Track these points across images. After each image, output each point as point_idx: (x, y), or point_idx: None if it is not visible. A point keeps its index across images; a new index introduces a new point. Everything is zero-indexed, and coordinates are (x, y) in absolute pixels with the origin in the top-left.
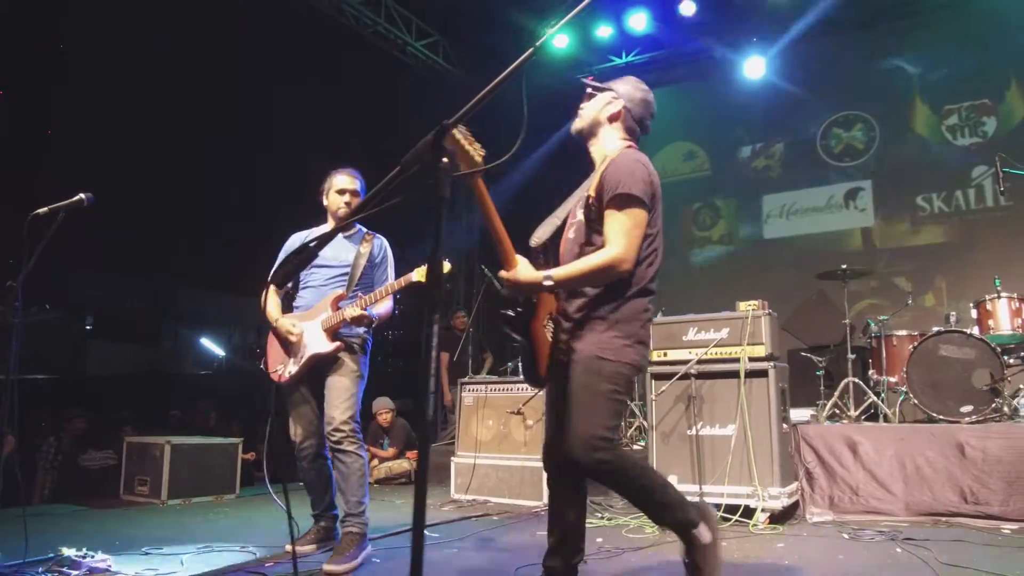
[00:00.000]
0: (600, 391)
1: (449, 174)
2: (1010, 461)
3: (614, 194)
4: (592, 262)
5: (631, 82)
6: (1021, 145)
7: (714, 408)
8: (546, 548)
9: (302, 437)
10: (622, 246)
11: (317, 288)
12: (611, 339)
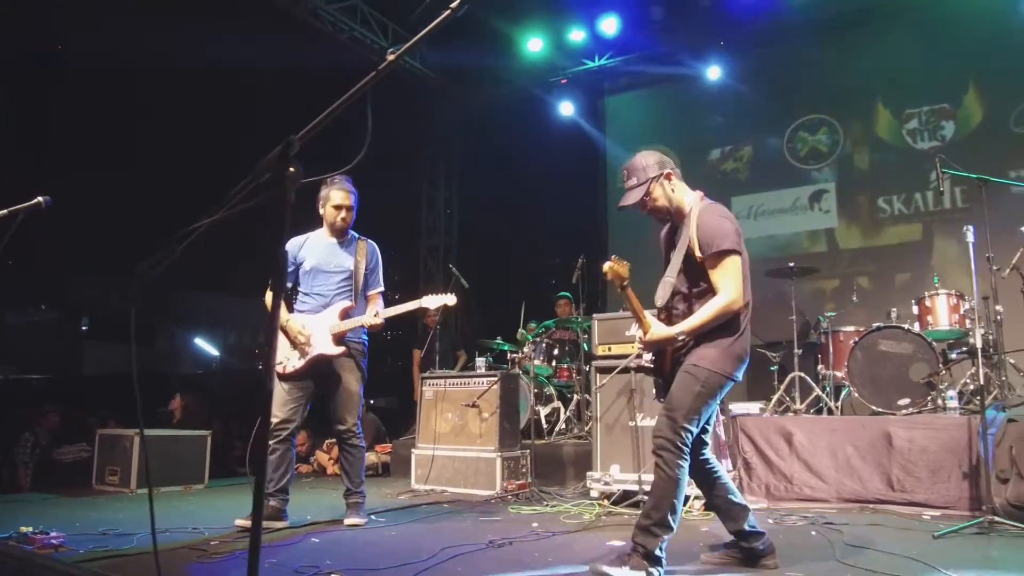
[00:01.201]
0: (694, 392)
1: (295, 183)
2: (934, 450)
3: (716, 251)
4: (712, 310)
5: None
6: (978, 148)
7: (653, 400)
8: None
9: (281, 420)
10: (733, 291)
11: (323, 296)
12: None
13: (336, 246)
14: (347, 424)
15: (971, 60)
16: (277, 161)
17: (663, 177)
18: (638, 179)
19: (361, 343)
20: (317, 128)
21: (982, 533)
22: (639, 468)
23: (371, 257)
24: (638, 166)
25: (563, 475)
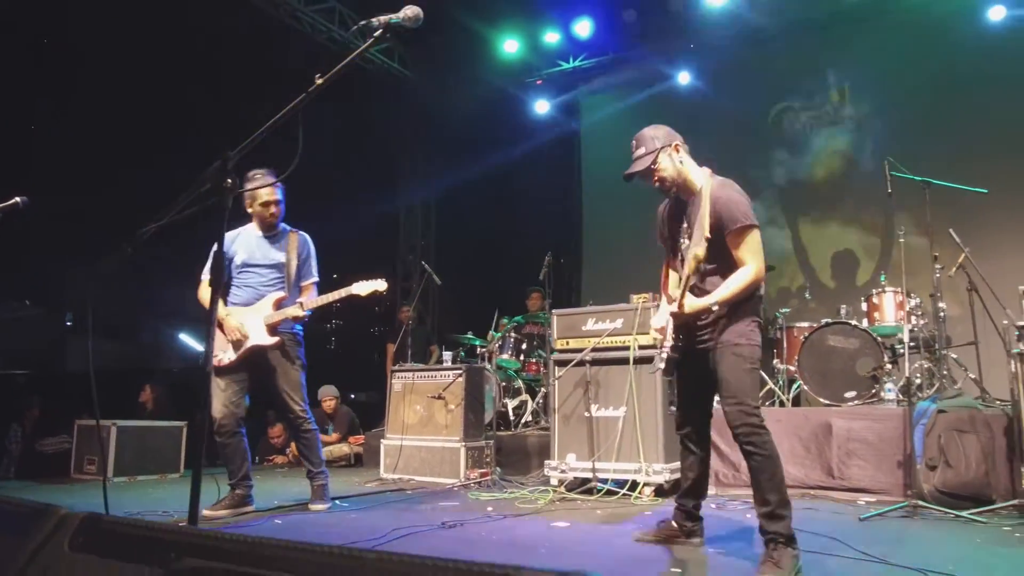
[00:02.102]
0: (747, 371)
1: (232, 193)
2: (872, 441)
3: (740, 226)
4: (742, 282)
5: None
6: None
7: (608, 392)
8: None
9: (222, 415)
10: (757, 262)
11: (254, 288)
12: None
13: (266, 240)
14: (295, 411)
15: (932, 66)
16: (216, 174)
17: (671, 148)
18: (646, 148)
19: (295, 332)
20: (254, 143)
21: (906, 516)
22: (593, 456)
23: (302, 249)
24: (647, 136)
25: (527, 464)
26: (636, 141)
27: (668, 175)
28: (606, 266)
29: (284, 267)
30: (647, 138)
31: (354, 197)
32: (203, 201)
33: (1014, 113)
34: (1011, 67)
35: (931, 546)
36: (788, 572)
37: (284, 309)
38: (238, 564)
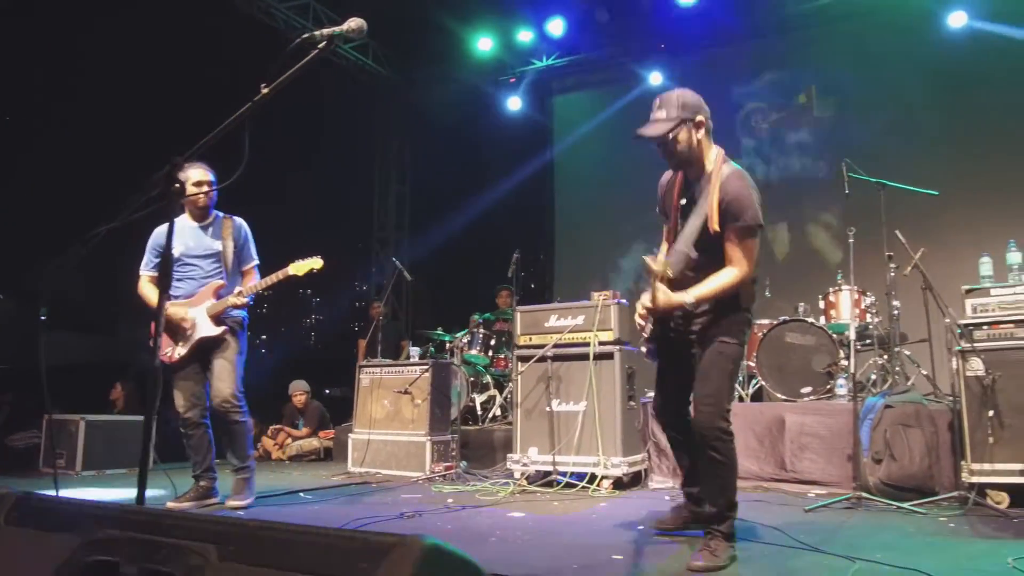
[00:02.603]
0: (728, 372)
1: (180, 197)
2: (823, 435)
3: (741, 225)
4: (725, 282)
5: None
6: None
7: (569, 387)
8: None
9: (185, 408)
10: (748, 266)
11: (196, 280)
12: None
13: (200, 230)
14: (223, 395)
15: (893, 71)
16: (164, 179)
17: (693, 123)
18: (667, 114)
19: (238, 319)
20: (201, 149)
21: (850, 508)
22: (554, 450)
23: (238, 233)
24: (673, 100)
25: (493, 458)
26: (660, 100)
27: (681, 149)
28: (578, 262)
29: (221, 256)
30: (672, 103)
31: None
32: (153, 204)
33: (971, 116)
34: (968, 72)
35: (866, 535)
36: (722, 561)
37: (225, 298)
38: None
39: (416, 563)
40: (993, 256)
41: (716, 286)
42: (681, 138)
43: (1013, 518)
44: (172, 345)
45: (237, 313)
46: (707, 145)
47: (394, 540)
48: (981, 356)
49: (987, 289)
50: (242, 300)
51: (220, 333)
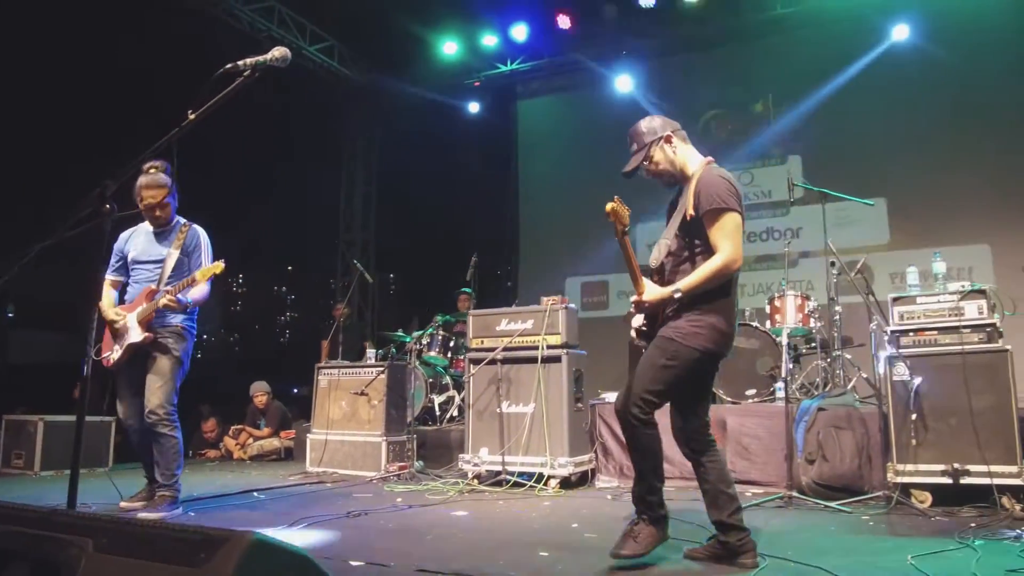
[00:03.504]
0: (659, 364)
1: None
2: (762, 436)
3: (712, 207)
4: (710, 269)
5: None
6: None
7: (519, 389)
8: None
9: (126, 416)
10: (732, 250)
11: (139, 284)
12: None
13: (154, 236)
14: (150, 406)
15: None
16: (96, 200)
17: (663, 140)
18: (638, 144)
19: (175, 328)
20: (127, 174)
21: (780, 507)
22: (502, 450)
23: (190, 242)
24: (640, 131)
25: (450, 457)
26: (629, 137)
27: (663, 168)
28: (541, 266)
29: (163, 262)
30: (640, 133)
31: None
32: (85, 224)
33: (914, 125)
34: (911, 82)
35: (786, 534)
36: (642, 548)
37: (154, 301)
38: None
39: (241, 554)
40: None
41: (701, 275)
42: (658, 158)
43: (931, 517)
44: (111, 349)
45: (176, 321)
46: (686, 153)
47: (227, 535)
48: (906, 361)
49: (914, 297)
50: (165, 300)
51: (143, 340)
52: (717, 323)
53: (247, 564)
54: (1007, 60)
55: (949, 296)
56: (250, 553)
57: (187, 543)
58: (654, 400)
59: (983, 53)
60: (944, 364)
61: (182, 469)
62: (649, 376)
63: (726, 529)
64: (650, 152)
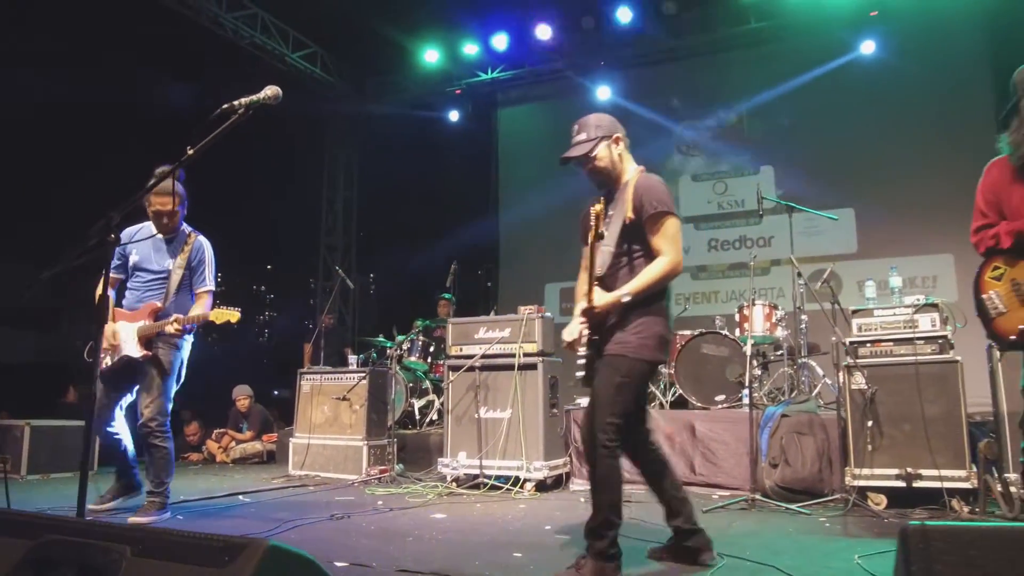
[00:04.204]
0: (615, 384)
1: (115, 245)
2: (729, 441)
3: (656, 212)
4: (655, 273)
5: (597, 117)
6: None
7: (496, 395)
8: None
9: (97, 414)
10: (675, 253)
11: (138, 292)
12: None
13: (161, 243)
14: (144, 419)
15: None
16: (101, 231)
17: (611, 140)
18: (587, 135)
19: (173, 340)
20: (133, 204)
21: (744, 509)
22: (480, 454)
23: (195, 255)
24: (591, 123)
25: (429, 460)
26: (579, 126)
27: (604, 165)
28: (521, 272)
29: (169, 275)
30: (590, 125)
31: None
32: (90, 253)
33: (882, 137)
34: (879, 96)
35: (747, 535)
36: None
37: (159, 322)
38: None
39: (260, 557)
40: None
41: (648, 277)
42: (602, 155)
43: (885, 518)
44: (105, 352)
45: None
46: (626, 159)
47: (247, 541)
48: (863, 371)
49: (871, 310)
50: (173, 328)
51: (141, 358)
52: (662, 332)
53: (265, 566)
54: (971, 73)
55: (904, 309)
56: (267, 557)
57: (212, 548)
58: (620, 423)
59: (948, 67)
60: (899, 374)
61: (172, 477)
62: (610, 399)
63: (686, 534)
64: (597, 147)
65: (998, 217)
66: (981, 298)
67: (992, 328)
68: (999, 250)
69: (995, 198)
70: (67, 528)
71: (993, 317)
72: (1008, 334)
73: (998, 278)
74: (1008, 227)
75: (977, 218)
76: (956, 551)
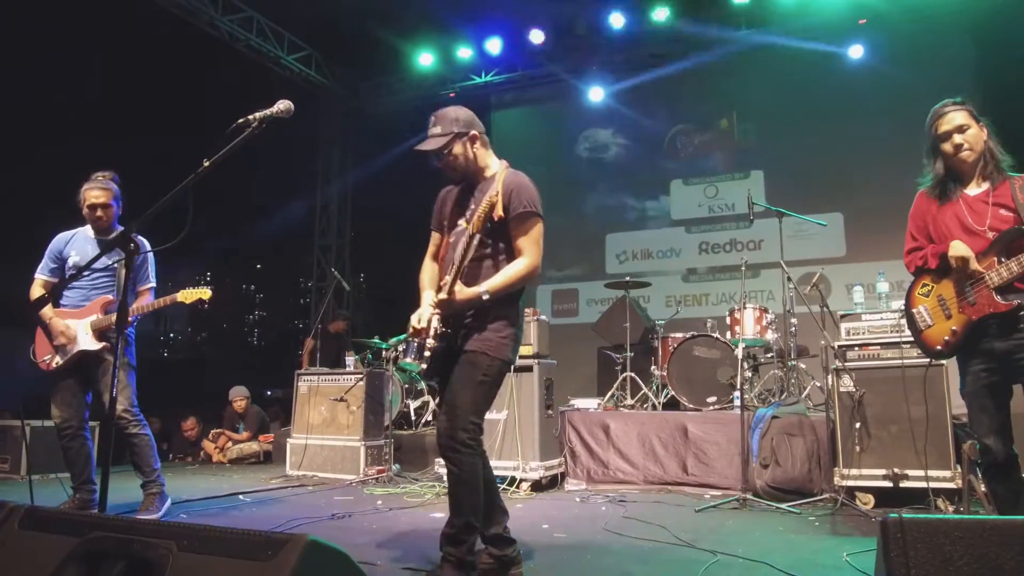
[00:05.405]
0: (477, 381)
1: (136, 253)
2: (720, 442)
3: (524, 211)
4: (516, 271)
5: (455, 110)
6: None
7: None
8: None
9: (62, 419)
10: (536, 254)
11: (83, 290)
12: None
13: (99, 244)
14: (118, 411)
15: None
16: (121, 239)
17: (467, 138)
18: (442, 129)
19: (125, 335)
20: (154, 213)
21: (736, 509)
22: None
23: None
24: (448, 117)
25: (425, 460)
26: (435, 118)
27: (458, 163)
28: None
29: (116, 272)
30: (447, 119)
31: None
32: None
33: (870, 141)
34: (867, 100)
35: (739, 533)
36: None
37: (111, 314)
38: (121, 533)
39: (301, 552)
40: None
41: (508, 276)
42: (456, 151)
43: (872, 517)
44: (51, 353)
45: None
46: (485, 156)
47: (287, 537)
48: (851, 374)
49: (859, 315)
50: (128, 319)
51: (100, 349)
52: (518, 332)
53: (305, 560)
54: (957, 80)
55: (891, 314)
56: (307, 551)
57: (254, 543)
58: (479, 422)
59: (935, 73)
60: (886, 377)
61: (159, 462)
62: (471, 397)
63: (501, 543)
64: (451, 143)
65: (926, 240)
66: (911, 312)
67: (921, 339)
68: (927, 269)
69: (923, 223)
70: (111, 525)
71: (922, 329)
72: (934, 344)
73: (926, 294)
74: (934, 249)
75: (908, 241)
76: (928, 539)
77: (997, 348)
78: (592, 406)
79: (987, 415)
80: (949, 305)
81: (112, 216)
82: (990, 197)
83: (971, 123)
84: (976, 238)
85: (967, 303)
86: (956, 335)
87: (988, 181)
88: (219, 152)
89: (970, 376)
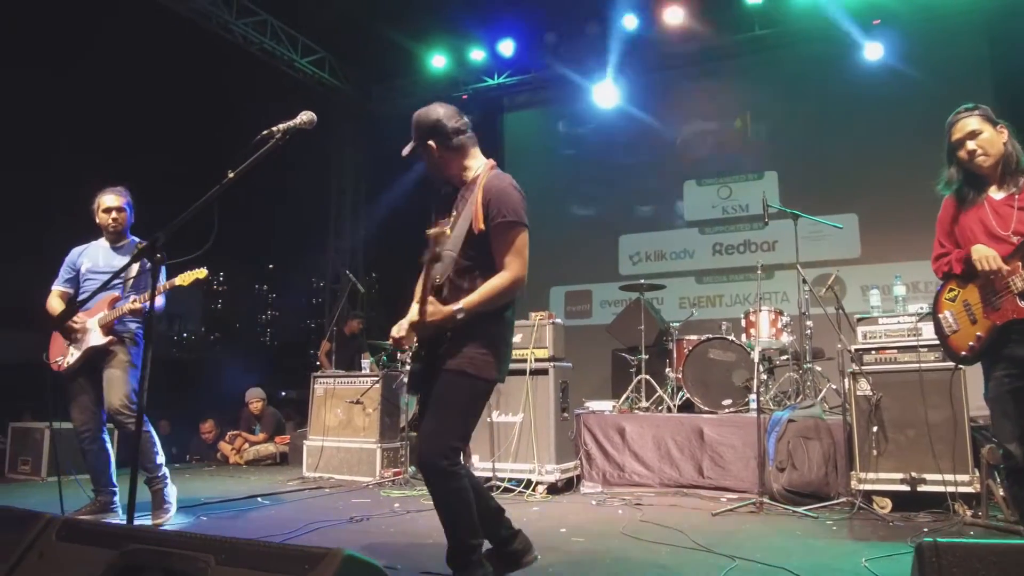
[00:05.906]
0: (459, 404)
1: (162, 263)
2: (736, 445)
3: (504, 220)
4: (496, 286)
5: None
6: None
7: (508, 399)
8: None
9: (81, 422)
10: (518, 267)
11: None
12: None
13: (111, 251)
14: (114, 406)
15: (822, 99)
16: (148, 250)
17: (436, 142)
18: (414, 136)
19: (130, 332)
20: (180, 224)
21: (753, 512)
22: (493, 457)
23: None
24: (416, 122)
25: None
26: (412, 124)
27: (429, 167)
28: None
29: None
30: (413, 125)
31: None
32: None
33: (886, 142)
34: (883, 101)
35: (756, 537)
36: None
37: (119, 306)
38: (159, 546)
39: (337, 567)
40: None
41: (488, 292)
42: (426, 158)
43: (890, 522)
44: (63, 354)
45: (131, 326)
46: (462, 159)
47: (323, 551)
48: (868, 378)
49: (876, 319)
50: (136, 305)
51: (106, 343)
52: (504, 350)
53: (341, 574)
54: (972, 80)
55: (908, 318)
56: (344, 565)
57: (291, 557)
58: (461, 447)
59: (950, 74)
60: (903, 380)
61: (161, 455)
62: (452, 420)
63: (506, 541)
64: (416, 149)
65: (953, 245)
66: (938, 317)
67: (947, 344)
68: (953, 275)
69: (949, 228)
70: (149, 538)
71: (948, 335)
72: (960, 350)
73: (953, 299)
74: (958, 254)
75: (936, 247)
76: (963, 563)
77: (1020, 354)
78: (607, 408)
79: (1009, 420)
80: (974, 310)
81: (125, 221)
82: (1015, 201)
83: (985, 127)
84: (1001, 243)
85: (992, 308)
86: (981, 340)
87: (1013, 184)
88: (243, 163)
89: (993, 381)
